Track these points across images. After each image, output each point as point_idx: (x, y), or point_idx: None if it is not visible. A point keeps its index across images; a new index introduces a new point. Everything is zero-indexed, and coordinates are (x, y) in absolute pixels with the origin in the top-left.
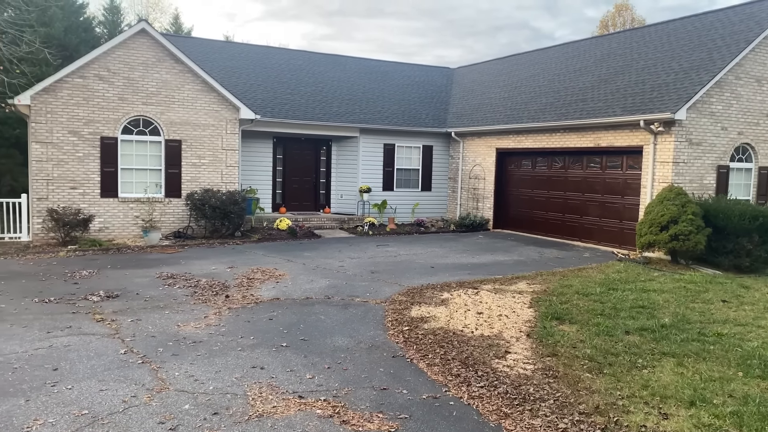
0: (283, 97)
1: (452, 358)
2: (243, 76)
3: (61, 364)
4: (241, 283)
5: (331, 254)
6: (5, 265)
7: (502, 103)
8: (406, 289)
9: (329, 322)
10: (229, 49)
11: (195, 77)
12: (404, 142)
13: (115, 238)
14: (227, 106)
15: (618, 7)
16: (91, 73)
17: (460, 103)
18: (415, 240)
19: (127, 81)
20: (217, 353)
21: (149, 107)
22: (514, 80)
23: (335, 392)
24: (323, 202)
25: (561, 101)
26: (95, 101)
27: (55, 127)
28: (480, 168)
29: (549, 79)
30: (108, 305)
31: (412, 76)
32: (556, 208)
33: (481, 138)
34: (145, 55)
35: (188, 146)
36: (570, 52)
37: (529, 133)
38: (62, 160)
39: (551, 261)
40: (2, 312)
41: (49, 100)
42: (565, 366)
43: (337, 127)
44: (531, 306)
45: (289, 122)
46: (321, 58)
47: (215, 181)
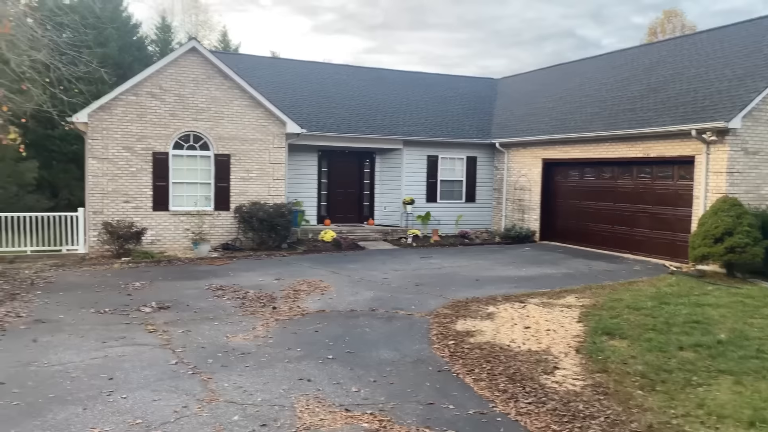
0: (328, 110)
1: (499, 373)
2: (289, 91)
3: (115, 373)
4: (287, 295)
5: (375, 266)
6: (63, 276)
7: (548, 113)
8: (451, 302)
9: (374, 334)
10: (275, 64)
11: (243, 93)
12: (448, 154)
13: (167, 250)
14: (274, 120)
15: (667, 13)
16: (144, 91)
17: (504, 113)
18: (460, 252)
19: (178, 98)
20: (265, 365)
21: (199, 123)
22: (560, 90)
23: (381, 406)
24: (367, 213)
25: (608, 111)
26: (148, 118)
27: (110, 143)
28: (526, 179)
29: (596, 88)
30: (160, 316)
31: (455, 87)
32: (605, 220)
33: (527, 148)
34: (195, 73)
35: (236, 160)
36: (617, 60)
37: (576, 143)
38: (116, 175)
39: (600, 274)
40: (61, 322)
41: (104, 118)
42: (615, 382)
43: (380, 140)
44: (580, 320)
45: (333, 135)
46: (364, 71)
47: (262, 194)
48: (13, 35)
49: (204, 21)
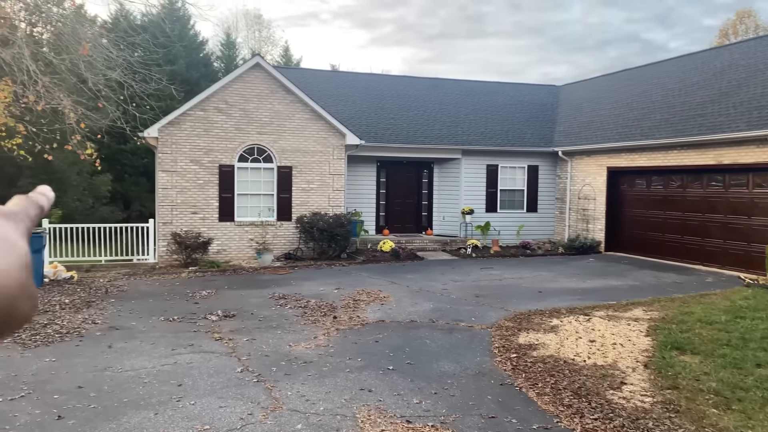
0: (386, 121)
1: (563, 387)
2: (348, 103)
3: (184, 380)
4: (347, 305)
5: (434, 277)
6: (135, 285)
7: (613, 120)
8: (512, 314)
9: (434, 346)
10: (335, 77)
11: (304, 106)
12: (508, 163)
13: (231, 260)
14: (334, 132)
15: (739, 14)
16: (211, 106)
17: (567, 121)
18: (521, 263)
19: (243, 112)
20: (327, 374)
21: (263, 136)
22: (625, 96)
23: (443, 418)
24: (425, 224)
25: (677, 117)
26: (214, 132)
27: (178, 156)
28: (590, 188)
29: (663, 94)
30: (225, 324)
31: (515, 95)
32: (674, 230)
33: (591, 156)
34: (258, 87)
35: (298, 172)
36: (686, 64)
37: (642, 150)
38: (185, 187)
39: (669, 286)
40: (133, 329)
41: (173, 132)
42: (687, 400)
43: (438, 150)
44: (648, 334)
45: (391, 146)
46: (422, 81)
47: (323, 205)
48: (90, 56)
49: (266, 37)
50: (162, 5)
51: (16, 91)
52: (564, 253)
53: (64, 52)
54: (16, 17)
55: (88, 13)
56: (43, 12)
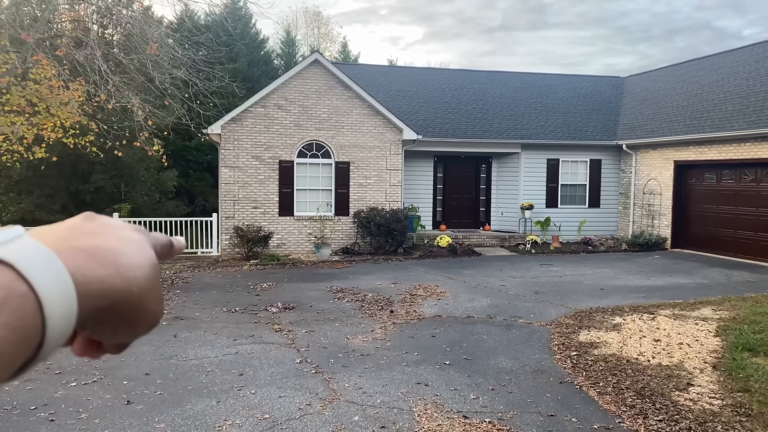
0: (444, 116)
1: (626, 387)
2: (405, 99)
3: (245, 369)
4: (404, 299)
5: (492, 273)
6: (199, 277)
7: (681, 112)
8: (573, 311)
9: (491, 342)
10: (392, 72)
11: (362, 102)
12: (569, 157)
13: (291, 254)
14: (391, 128)
15: None
16: (271, 103)
17: (631, 113)
18: (582, 259)
19: (302, 108)
20: (384, 367)
21: (321, 132)
22: (694, 87)
23: (500, 415)
24: (483, 219)
25: (751, 108)
26: (274, 128)
27: (240, 152)
28: (655, 182)
29: (736, 84)
30: (285, 316)
31: (577, 87)
32: (746, 226)
33: (657, 150)
34: (317, 84)
35: (355, 167)
36: (760, 52)
37: (712, 143)
38: (246, 183)
39: (741, 285)
40: (197, 320)
41: (235, 129)
42: (760, 404)
43: (497, 144)
44: (717, 335)
45: (449, 141)
46: (481, 75)
47: (380, 200)
48: (157, 56)
49: (325, 33)
50: (225, 5)
51: (88, 90)
52: (627, 249)
53: (133, 53)
54: (88, 20)
55: (155, 14)
56: (114, 14)
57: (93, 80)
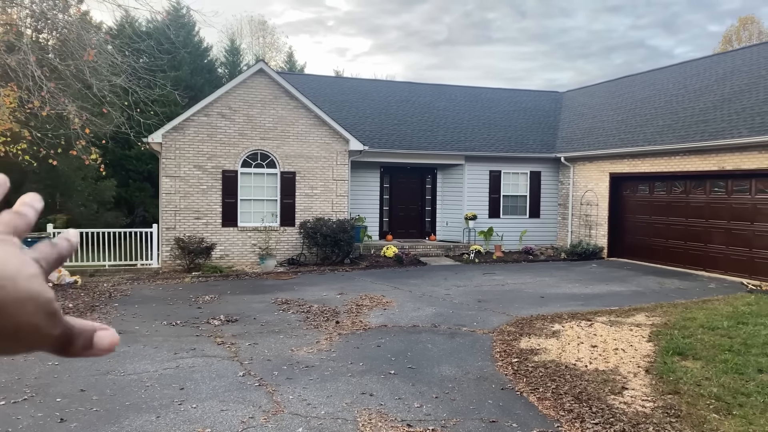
0: (390, 127)
1: (564, 392)
2: (352, 109)
3: (186, 383)
4: (350, 310)
5: (437, 282)
6: (139, 289)
7: (616, 126)
8: (514, 319)
9: (436, 350)
10: (339, 83)
11: (308, 112)
12: (511, 169)
13: (234, 265)
14: (337, 138)
15: (742, 20)
16: (215, 112)
17: (569, 127)
18: (524, 268)
19: (246, 118)
20: (328, 378)
21: (266, 141)
22: (628, 102)
23: (443, 422)
24: (429, 229)
25: (680, 123)
26: (218, 137)
27: (182, 161)
28: (592, 193)
29: (666, 100)
30: (228, 329)
31: (518, 101)
32: (677, 236)
33: (593, 162)
34: (262, 93)
35: (301, 177)
36: (689, 71)
37: (645, 156)
38: (188, 193)
39: (672, 292)
40: (136, 333)
41: (177, 138)
42: (688, 405)
43: (442, 156)
44: (650, 340)
45: (395, 152)
46: (426, 88)
47: (326, 210)
48: (95, 62)
49: (271, 43)
50: (167, 12)
51: (21, 96)
52: (566, 258)
53: (69, 58)
54: (22, 23)
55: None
56: (49, 18)
57: (26, 86)
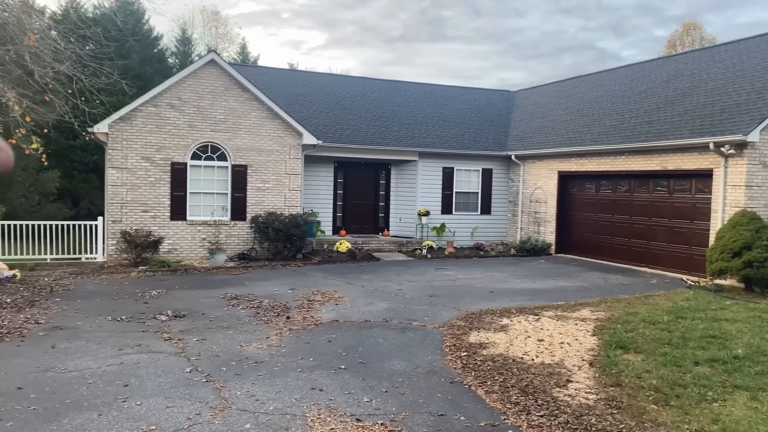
0: (344, 122)
1: (512, 385)
2: (306, 103)
3: (131, 380)
4: (301, 305)
5: (390, 277)
6: (82, 284)
7: (564, 126)
8: (464, 313)
9: (387, 345)
10: (293, 76)
11: (261, 105)
12: (463, 166)
13: (183, 260)
14: (291, 132)
15: (686, 26)
16: (164, 102)
17: (520, 125)
18: (474, 264)
19: (197, 109)
20: (278, 374)
21: (217, 134)
22: (577, 102)
23: (392, 416)
24: (382, 225)
25: (625, 123)
26: (167, 128)
27: (129, 153)
28: (541, 191)
29: (613, 101)
30: (175, 324)
31: (471, 99)
32: (622, 233)
33: (543, 161)
34: (213, 84)
35: (253, 171)
36: (634, 73)
37: (592, 155)
38: (135, 185)
39: (616, 287)
40: (79, 329)
41: (124, 128)
42: (629, 397)
43: (396, 151)
44: (594, 334)
45: (349, 147)
46: (381, 83)
47: (278, 205)
48: (37, 48)
49: (224, 33)
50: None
51: None
52: (516, 254)
53: (9, 43)
54: None
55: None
56: None
57: None
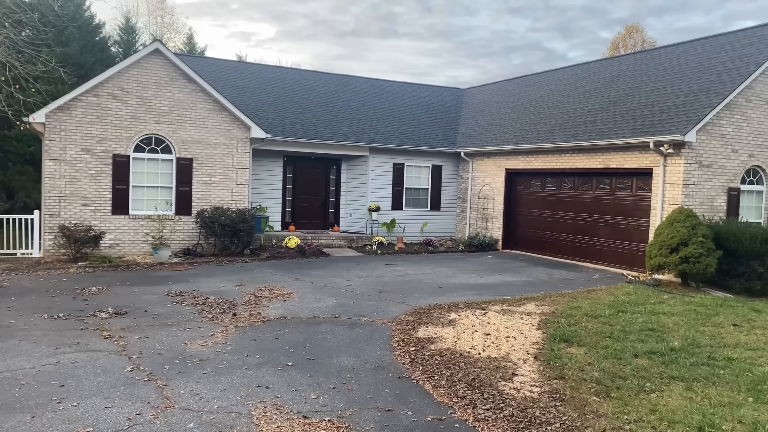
0: (294, 116)
1: (458, 379)
2: (255, 96)
3: (67, 380)
4: (248, 302)
5: (339, 273)
6: (16, 281)
7: (512, 124)
8: (413, 309)
9: (335, 341)
10: (242, 68)
11: (207, 96)
12: (414, 162)
13: (125, 255)
14: (238, 125)
15: (629, 28)
16: (105, 92)
17: (469, 123)
18: (424, 259)
19: (141, 100)
20: (223, 371)
21: (161, 126)
22: (524, 101)
23: (340, 413)
24: (332, 220)
25: (570, 122)
26: (108, 119)
27: (68, 144)
28: (489, 188)
29: (558, 100)
30: (116, 322)
31: (422, 96)
32: (566, 229)
33: (491, 158)
34: (158, 75)
35: (199, 164)
36: (579, 73)
37: (538, 153)
38: (75, 177)
39: (560, 282)
40: (12, 328)
41: (63, 119)
42: (572, 389)
43: (346, 147)
44: (539, 328)
45: (299, 141)
46: (332, 78)
47: (225, 199)
48: None
49: (170, 23)
50: None
51: None
52: (464, 250)
53: None
54: None
55: None
56: None
57: None
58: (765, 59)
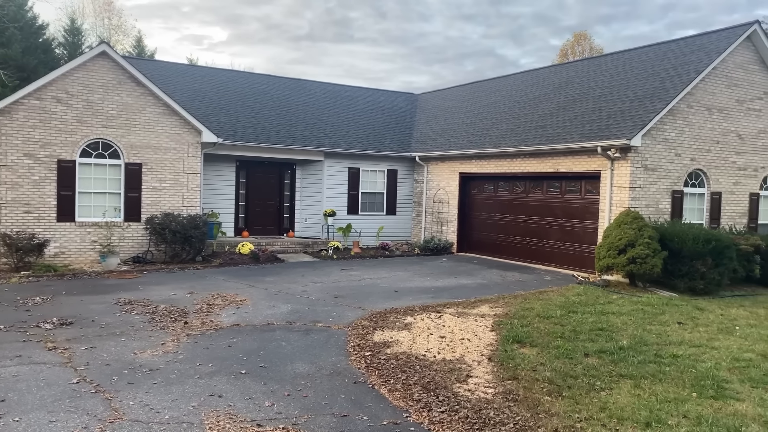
0: (247, 120)
1: (414, 382)
2: (206, 100)
3: (8, 394)
4: (200, 309)
5: (294, 279)
6: None
7: (465, 129)
8: (369, 313)
9: (290, 348)
10: (193, 72)
11: (156, 100)
12: (369, 166)
13: (72, 264)
14: (189, 129)
15: (577, 36)
16: (49, 96)
17: (424, 128)
18: (380, 264)
19: (87, 103)
20: (174, 381)
21: (109, 130)
22: (477, 106)
23: (294, 420)
24: (287, 226)
25: (521, 127)
26: (52, 124)
27: (9, 149)
28: (444, 192)
29: (510, 105)
30: (61, 333)
31: (377, 101)
32: (518, 232)
33: (445, 162)
34: (105, 78)
35: (149, 169)
36: (530, 79)
37: (491, 158)
38: (17, 183)
39: (513, 284)
40: None
41: (4, 122)
42: (525, 389)
43: (301, 151)
44: (493, 329)
45: (252, 146)
46: (286, 82)
47: (176, 205)
48: None
49: (118, 25)
50: None
51: None
52: (420, 253)
53: None
54: None
55: None
56: None
57: None
58: (704, 67)
